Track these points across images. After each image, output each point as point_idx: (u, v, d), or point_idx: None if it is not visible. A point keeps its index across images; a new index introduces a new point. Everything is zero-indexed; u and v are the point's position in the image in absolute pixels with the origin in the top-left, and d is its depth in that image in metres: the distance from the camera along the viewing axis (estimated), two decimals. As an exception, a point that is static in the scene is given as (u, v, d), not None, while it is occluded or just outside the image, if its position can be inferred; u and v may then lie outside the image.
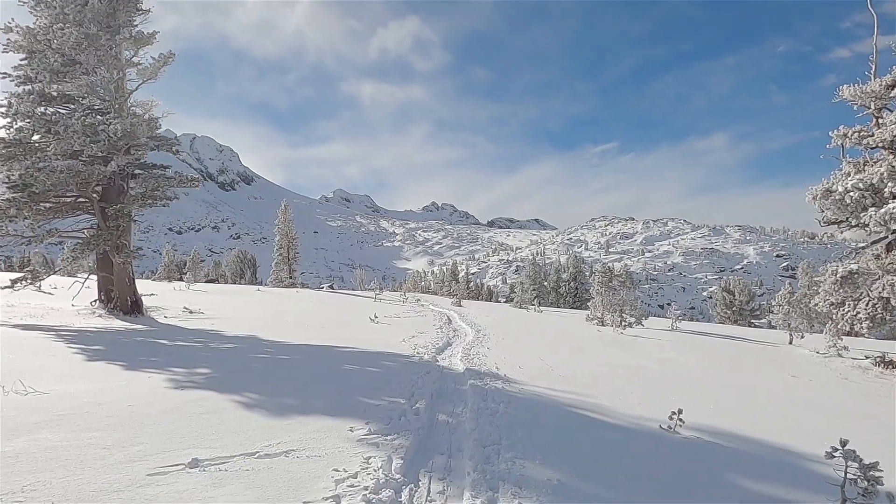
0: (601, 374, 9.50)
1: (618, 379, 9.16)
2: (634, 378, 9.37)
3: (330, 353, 9.68)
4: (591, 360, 11.53)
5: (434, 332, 14.88)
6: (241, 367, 7.74)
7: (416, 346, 11.41)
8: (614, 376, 9.43)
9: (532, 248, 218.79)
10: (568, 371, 9.47)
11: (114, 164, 13.26)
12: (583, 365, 10.54)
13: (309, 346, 10.63)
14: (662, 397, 7.71)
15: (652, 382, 9.06)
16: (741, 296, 46.01)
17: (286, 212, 39.61)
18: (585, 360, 11.30)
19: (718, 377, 10.41)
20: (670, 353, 14.01)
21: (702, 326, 27.07)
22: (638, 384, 8.73)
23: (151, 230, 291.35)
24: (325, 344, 10.89)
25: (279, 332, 12.56)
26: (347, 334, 13.09)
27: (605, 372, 9.84)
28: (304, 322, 15.41)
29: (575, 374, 9.19)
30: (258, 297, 24.28)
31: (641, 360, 12.05)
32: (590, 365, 10.64)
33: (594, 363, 11.00)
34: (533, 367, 9.47)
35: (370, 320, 16.72)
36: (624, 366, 10.94)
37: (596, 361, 11.30)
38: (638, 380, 9.20)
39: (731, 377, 10.55)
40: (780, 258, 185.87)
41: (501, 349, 11.90)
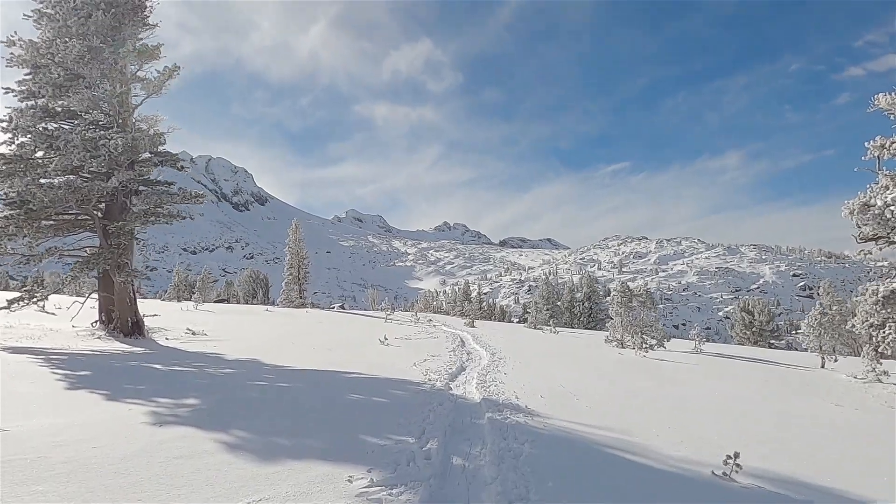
0: (631, 405, 8.61)
1: (649, 410, 8.27)
2: (667, 409, 8.48)
3: (334, 380, 8.91)
4: (616, 387, 10.62)
5: (447, 355, 14.07)
6: (233, 396, 7.01)
7: (427, 371, 10.61)
8: (645, 407, 8.54)
9: (544, 267, 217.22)
10: (594, 400, 8.61)
11: (115, 180, 12.81)
12: (609, 393, 9.66)
13: (312, 371, 9.88)
14: (704, 433, 6.83)
15: (688, 414, 8.16)
16: (761, 316, 44.45)
17: (297, 231, 39.22)
18: (611, 388, 10.40)
19: (759, 408, 9.44)
20: (700, 379, 13.03)
21: (725, 349, 25.86)
22: (672, 416, 7.84)
23: (166, 250, 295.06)
24: (330, 369, 10.13)
25: (283, 356, 11.84)
26: (355, 358, 12.33)
27: (635, 401, 8.95)
28: (311, 344, 14.69)
29: (602, 405, 8.32)
30: (266, 318, 23.66)
31: (671, 388, 11.12)
32: (617, 393, 9.75)
33: (621, 391, 10.10)
34: (556, 396, 8.62)
35: (380, 342, 15.95)
36: (653, 394, 10.03)
37: (623, 389, 10.40)
38: (672, 411, 8.30)
39: (774, 407, 9.57)
40: (797, 277, 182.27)
41: (519, 375, 11.05)
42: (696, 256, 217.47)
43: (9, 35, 13.19)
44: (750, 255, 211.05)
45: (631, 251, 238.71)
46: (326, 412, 6.39)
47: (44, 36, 13.36)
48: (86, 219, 14.56)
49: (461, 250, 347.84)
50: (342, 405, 6.87)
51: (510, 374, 11.11)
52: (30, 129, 13.25)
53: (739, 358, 19.94)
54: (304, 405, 6.73)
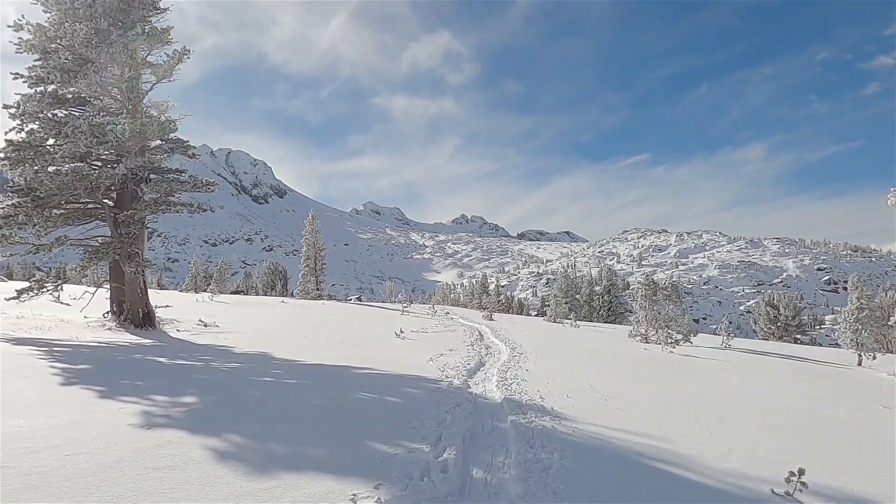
0: (666, 407, 7.90)
1: (686, 413, 7.56)
2: (706, 412, 7.75)
3: (344, 377, 8.37)
4: (647, 386, 9.91)
5: (464, 349, 13.47)
6: (235, 395, 6.50)
7: (444, 366, 10.03)
8: (682, 409, 7.83)
9: (562, 260, 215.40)
10: (625, 401, 7.93)
11: (122, 167, 12.42)
12: (640, 393, 8.95)
13: (322, 366, 9.36)
14: (751, 441, 6.12)
15: (730, 418, 7.43)
16: (786, 310, 43.06)
17: (313, 222, 38.91)
18: (641, 387, 9.69)
19: (805, 411, 8.65)
20: (735, 377, 12.21)
21: (753, 344, 24.79)
22: (713, 421, 7.12)
23: (187, 242, 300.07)
24: (341, 364, 9.61)
25: (294, 349, 11.38)
26: (369, 352, 11.81)
27: (670, 403, 8.24)
28: (325, 337, 14.23)
29: (635, 406, 7.64)
30: (281, 310, 23.35)
31: (705, 387, 10.37)
32: (648, 393, 9.04)
33: (652, 391, 9.39)
34: (583, 397, 7.96)
35: (395, 335, 15.43)
36: (687, 394, 9.30)
37: (654, 388, 9.68)
38: (711, 414, 7.58)
39: (820, 411, 8.77)
40: (822, 272, 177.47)
41: (542, 371, 10.40)
42: (717, 250, 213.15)
43: (16, 19, 12.88)
44: (773, 249, 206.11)
45: (650, 244, 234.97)
46: (333, 414, 5.83)
47: (52, 19, 13.01)
48: (96, 208, 14.26)
49: (479, 243, 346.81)
50: (351, 405, 6.31)
51: (532, 370, 10.46)
52: (38, 115, 12.95)
53: (772, 354, 18.98)
54: (308, 405, 6.19)
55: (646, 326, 21.30)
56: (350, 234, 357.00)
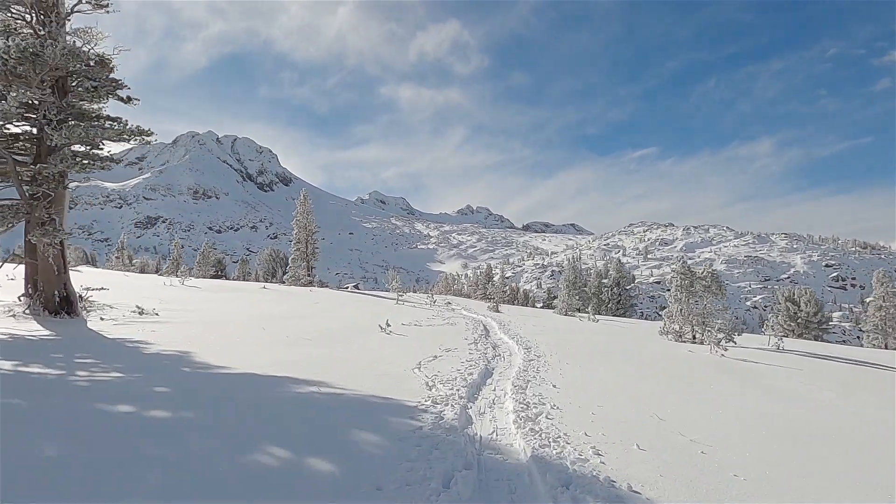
0: (770, 449, 4.78)
1: (806, 457, 4.43)
2: (835, 455, 4.62)
3: (262, 405, 5.17)
4: (731, 412, 6.76)
5: (465, 350, 10.38)
6: (23, 452, 3.41)
7: (434, 379, 6.92)
8: (795, 452, 4.70)
9: (568, 252, 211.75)
10: (730, 451, 4.79)
11: (12, 100, 9.27)
12: (733, 428, 5.81)
13: (254, 379, 6.27)
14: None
15: (877, 469, 4.30)
16: (808, 307, 40.04)
17: (305, 202, 35.71)
18: (727, 415, 6.53)
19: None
20: (826, 393, 9.03)
21: (803, 345, 21.44)
22: (855, 471, 3.99)
23: (192, 229, 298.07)
24: (281, 375, 6.51)
25: (233, 349, 8.32)
26: (336, 354, 8.73)
27: (773, 442, 5.11)
28: (288, 331, 11.14)
29: (752, 461, 4.51)
30: (258, 296, 20.28)
31: (800, 409, 7.22)
32: (746, 427, 5.89)
33: (732, 416, 6.27)
34: (661, 444, 4.80)
35: (380, 329, 12.36)
36: (784, 421, 6.17)
37: (733, 412, 6.56)
38: (849, 461, 4.45)
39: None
40: (830, 268, 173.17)
41: (576, 388, 7.28)
42: (724, 244, 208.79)
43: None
44: (780, 244, 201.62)
45: (657, 238, 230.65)
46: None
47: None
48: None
49: (484, 234, 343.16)
50: (231, 480, 3.20)
51: (561, 386, 7.34)
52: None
53: (828, 358, 15.75)
54: (133, 485, 3.07)
55: (681, 322, 18.15)
56: (355, 223, 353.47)
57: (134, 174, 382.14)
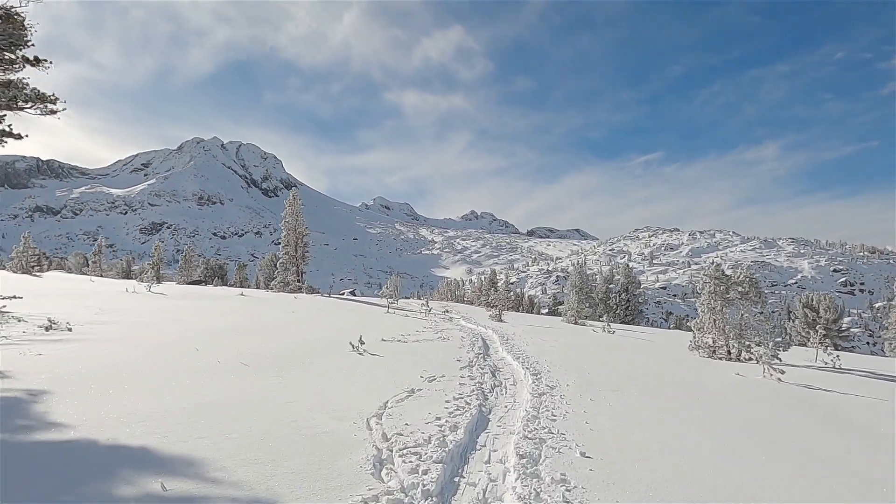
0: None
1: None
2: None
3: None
4: (866, 495, 4.23)
5: (455, 378, 7.87)
6: None
7: (393, 448, 4.42)
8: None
9: (573, 258, 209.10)
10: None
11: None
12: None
13: (80, 456, 3.79)
14: None
15: None
16: (827, 313, 37.39)
17: (294, 203, 33.28)
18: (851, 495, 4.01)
19: None
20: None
21: (856, 360, 18.59)
22: None
23: (197, 234, 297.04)
24: (145, 444, 4.02)
25: (126, 385, 5.85)
26: (269, 390, 6.24)
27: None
28: (228, 353, 8.63)
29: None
30: (225, 305, 17.81)
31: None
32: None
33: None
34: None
35: (352, 348, 9.87)
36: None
37: None
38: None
39: None
40: (838, 273, 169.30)
41: (620, 457, 4.72)
42: (730, 249, 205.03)
43: None
44: (787, 249, 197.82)
45: (662, 242, 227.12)
46: None
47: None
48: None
49: (488, 239, 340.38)
50: None
51: (594, 450, 4.79)
52: None
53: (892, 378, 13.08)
54: None
55: (714, 335, 15.55)
56: (359, 229, 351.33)
57: (139, 180, 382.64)
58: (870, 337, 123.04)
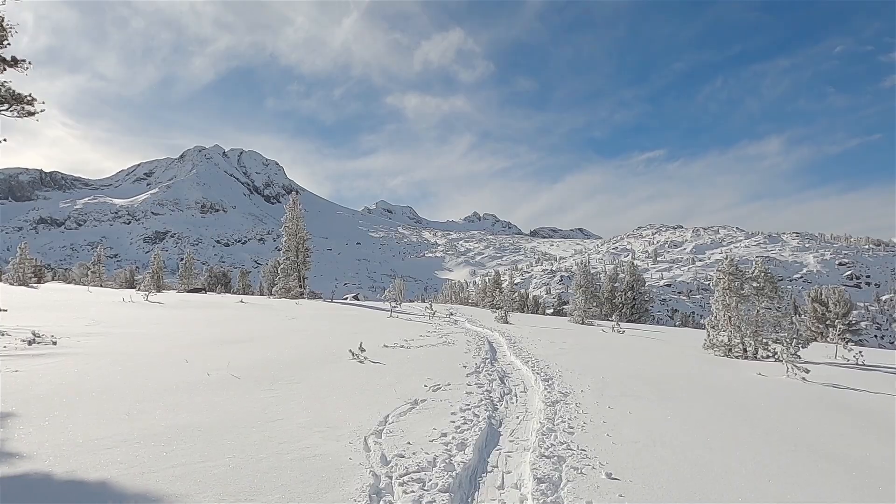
0: None
1: None
2: None
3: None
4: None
5: (462, 386, 7.35)
6: None
7: (393, 472, 3.90)
8: None
9: (576, 257, 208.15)
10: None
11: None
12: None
13: (27, 491, 3.29)
14: None
15: None
16: (836, 307, 36.69)
17: (295, 207, 32.78)
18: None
19: None
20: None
21: (879, 357, 17.91)
22: None
23: (200, 242, 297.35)
24: (106, 477, 3.51)
25: (106, 405, 5.36)
26: (262, 405, 5.73)
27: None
28: (220, 365, 8.12)
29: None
30: (223, 314, 17.31)
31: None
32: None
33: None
34: None
35: (351, 356, 9.36)
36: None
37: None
38: None
39: None
40: (844, 266, 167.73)
41: (652, 478, 4.19)
42: (734, 245, 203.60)
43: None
44: (792, 244, 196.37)
45: (666, 240, 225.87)
46: None
47: None
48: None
49: (491, 241, 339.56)
50: None
51: (619, 469, 4.25)
52: None
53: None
54: None
55: (729, 333, 14.97)
56: (362, 233, 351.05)
57: (142, 190, 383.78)
58: (877, 330, 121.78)
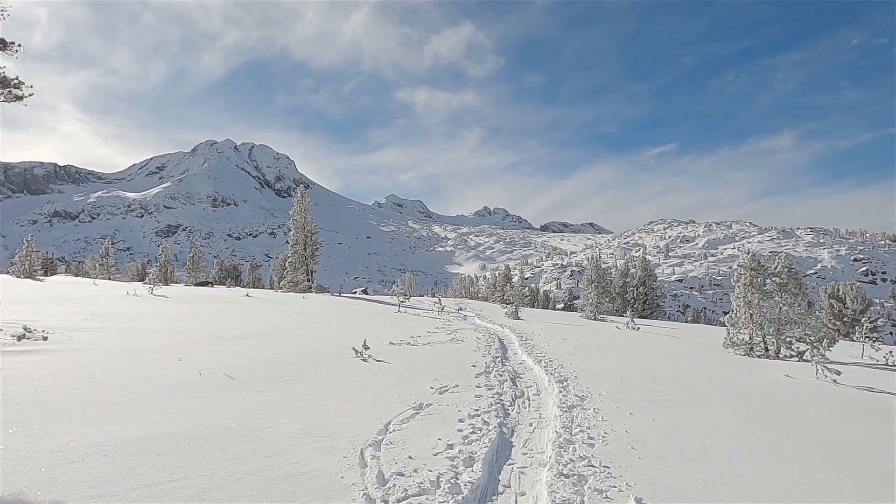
0: None
1: None
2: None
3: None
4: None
5: (471, 388, 6.87)
6: None
7: (391, 493, 3.42)
8: None
9: (587, 252, 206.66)
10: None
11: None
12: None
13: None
14: None
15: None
16: (854, 304, 35.67)
17: (303, 200, 32.35)
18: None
19: None
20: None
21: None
22: None
23: (212, 236, 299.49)
24: (59, 500, 3.07)
25: (87, 408, 4.93)
26: (255, 409, 5.28)
27: None
28: (216, 363, 7.70)
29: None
30: (228, 308, 16.95)
31: None
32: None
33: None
34: None
35: (355, 354, 8.90)
36: None
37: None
38: None
39: None
40: (859, 262, 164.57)
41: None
42: (747, 240, 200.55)
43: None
44: (806, 239, 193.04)
45: (678, 235, 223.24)
46: None
47: None
48: None
49: (501, 235, 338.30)
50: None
51: (651, 493, 3.75)
52: None
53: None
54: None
55: (751, 331, 14.31)
56: (372, 227, 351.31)
57: (154, 184, 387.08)
58: (893, 327, 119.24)
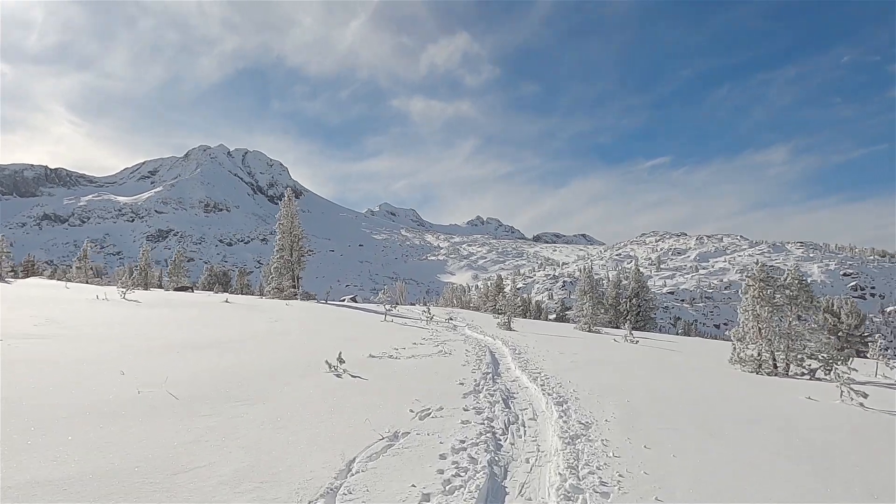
0: None
1: None
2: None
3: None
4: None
5: (456, 410, 5.91)
6: None
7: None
8: None
9: (579, 263, 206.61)
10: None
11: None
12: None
13: None
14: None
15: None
16: (849, 318, 35.19)
17: (289, 203, 31.32)
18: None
19: None
20: None
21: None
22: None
23: (203, 241, 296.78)
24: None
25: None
26: (189, 443, 4.29)
27: None
28: (165, 378, 6.68)
29: None
30: (202, 314, 15.86)
31: None
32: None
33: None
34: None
35: (329, 368, 7.90)
36: None
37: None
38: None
39: None
40: (848, 277, 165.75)
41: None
42: (738, 254, 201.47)
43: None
44: (796, 253, 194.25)
45: (669, 247, 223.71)
46: None
47: None
48: None
49: (494, 245, 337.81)
50: None
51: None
52: None
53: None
54: None
55: (760, 346, 13.44)
56: (365, 235, 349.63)
57: (146, 188, 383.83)
58: (882, 341, 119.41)
